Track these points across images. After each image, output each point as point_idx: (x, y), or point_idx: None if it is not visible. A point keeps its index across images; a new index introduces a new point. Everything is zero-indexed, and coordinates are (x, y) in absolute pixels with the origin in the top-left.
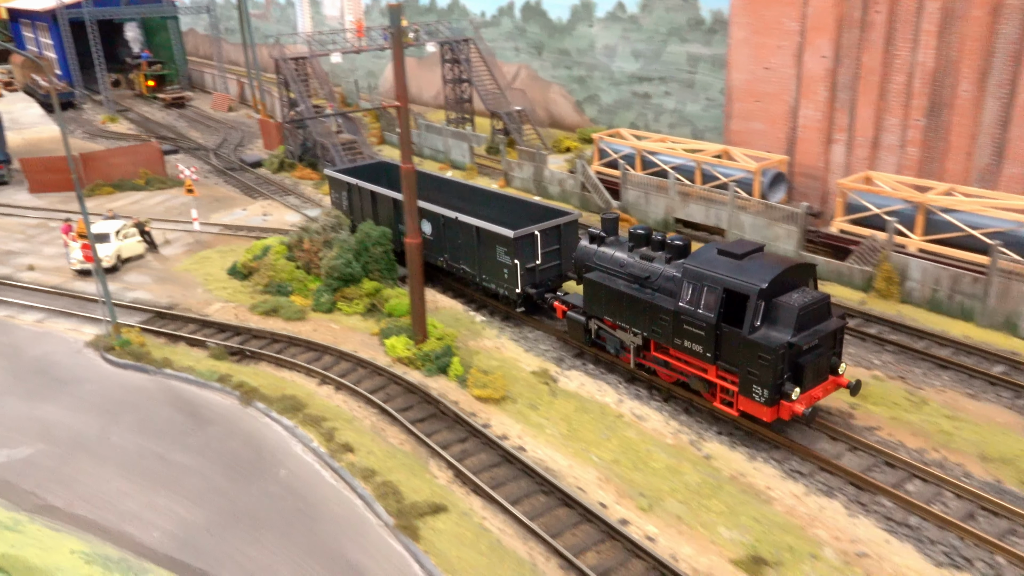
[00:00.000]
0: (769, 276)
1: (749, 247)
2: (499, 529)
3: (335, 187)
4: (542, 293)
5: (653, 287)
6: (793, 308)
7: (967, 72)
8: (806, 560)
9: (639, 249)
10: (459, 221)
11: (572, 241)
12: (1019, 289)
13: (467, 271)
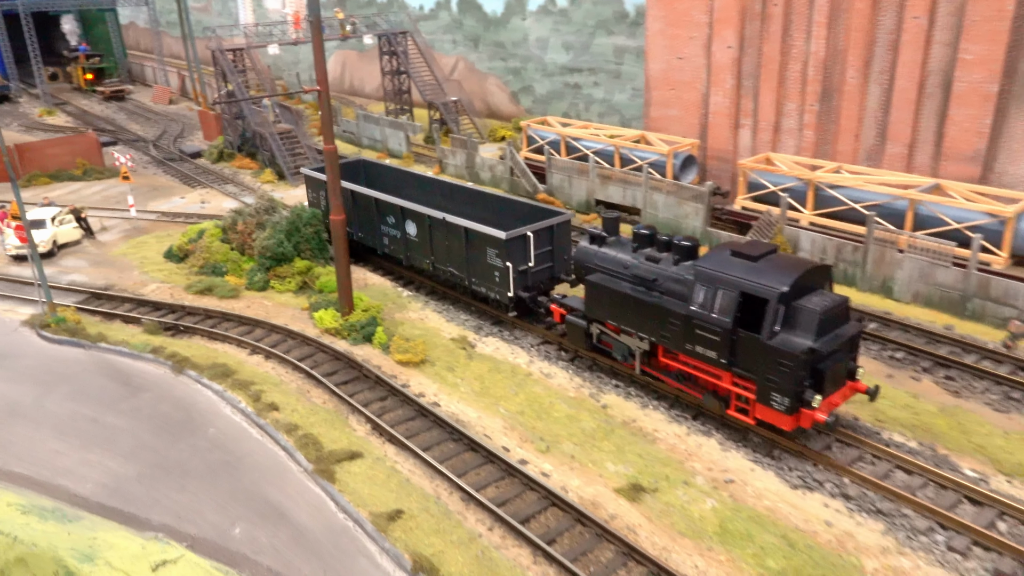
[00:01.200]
0: (789, 279)
1: (764, 248)
2: (409, 471)
3: (312, 186)
4: (535, 296)
5: (660, 290)
6: (815, 312)
7: (853, 60)
8: (680, 486)
9: (643, 250)
10: (447, 222)
11: (565, 242)
12: (892, 256)
13: (455, 274)
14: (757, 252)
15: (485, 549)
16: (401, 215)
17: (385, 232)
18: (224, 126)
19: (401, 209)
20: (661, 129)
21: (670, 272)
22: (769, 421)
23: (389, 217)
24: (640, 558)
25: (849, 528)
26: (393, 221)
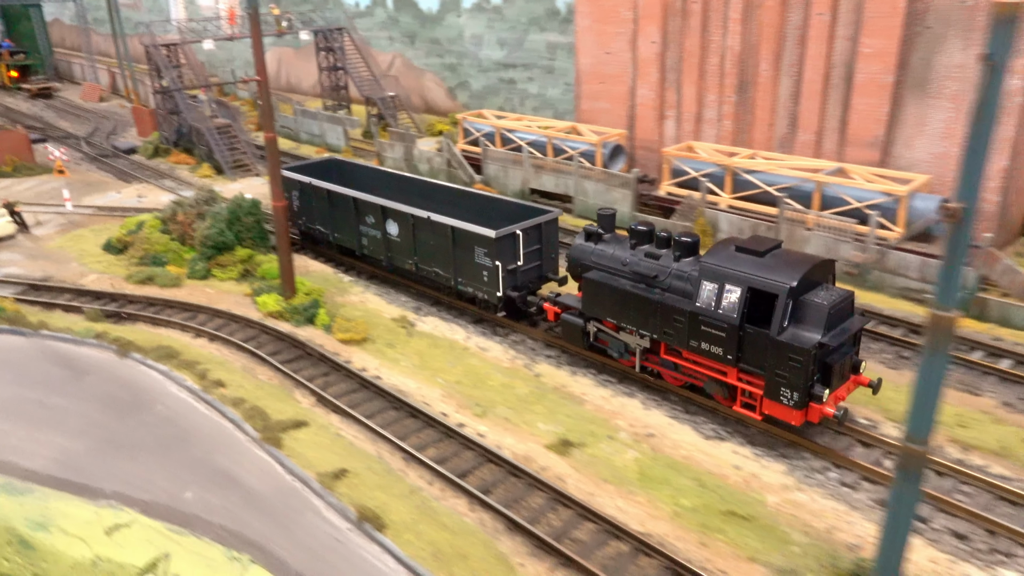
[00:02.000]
0: (797, 274)
1: (769, 244)
2: (353, 436)
3: (285, 187)
4: (524, 296)
5: (662, 286)
6: (823, 307)
7: (766, 54)
8: (604, 441)
9: (642, 247)
10: (431, 221)
11: (553, 240)
12: (801, 233)
13: (440, 275)
14: (763, 247)
15: (425, 500)
16: (382, 215)
17: (364, 233)
18: (159, 122)
19: (382, 209)
20: (592, 121)
21: (672, 268)
22: (777, 416)
23: (368, 217)
24: (568, 502)
25: (755, 471)
26: (373, 221)
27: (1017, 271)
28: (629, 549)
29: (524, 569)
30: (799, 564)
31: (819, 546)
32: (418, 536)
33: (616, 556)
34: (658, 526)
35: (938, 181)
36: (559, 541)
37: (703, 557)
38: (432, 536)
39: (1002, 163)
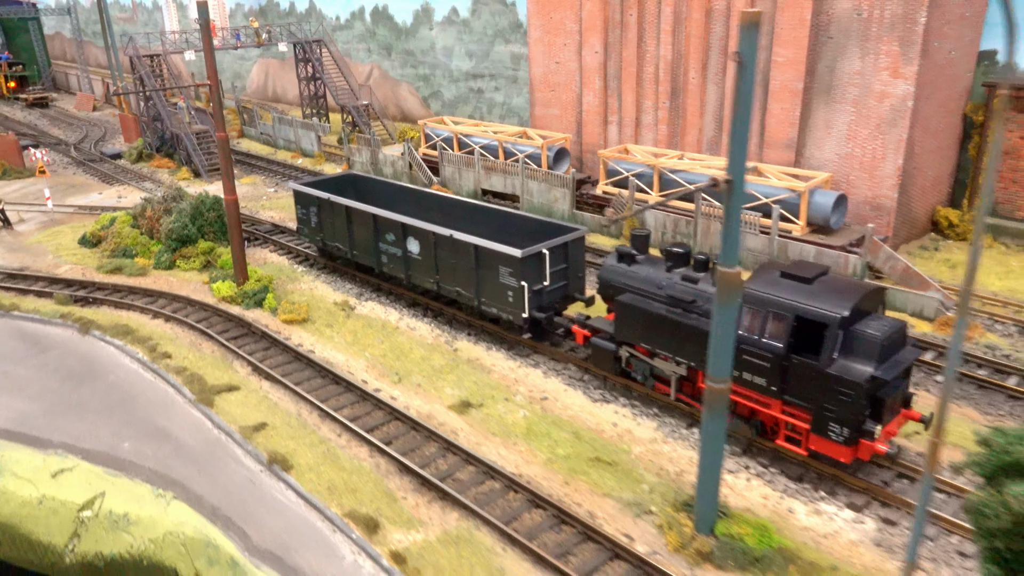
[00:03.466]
0: (849, 303)
1: (816, 270)
2: (278, 398)
3: (302, 202)
4: (551, 317)
5: (699, 311)
6: (876, 338)
7: (694, 63)
8: (501, 402)
9: (678, 269)
10: (454, 239)
11: (579, 259)
12: (715, 227)
13: (463, 294)
14: (810, 274)
15: (332, 448)
16: (402, 232)
17: (384, 250)
18: (143, 129)
19: (403, 226)
20: (545, 126)
21: (710, 293)
22: (825, 452)
23: (388, 234)
24: (456, 450)
25: (630, 427)
26: (393, 239)
27: (897, 258)
28: (501, 487)
29: (406, 501)
30: (645, 498)
31: (667, 485)
32: (319, 475)
33: (488, 491)
34: (531, 469)
35: (843, 179)
36: (442, 480)
37: (563, 493)
38: (331, 476)
39: (898, 162)
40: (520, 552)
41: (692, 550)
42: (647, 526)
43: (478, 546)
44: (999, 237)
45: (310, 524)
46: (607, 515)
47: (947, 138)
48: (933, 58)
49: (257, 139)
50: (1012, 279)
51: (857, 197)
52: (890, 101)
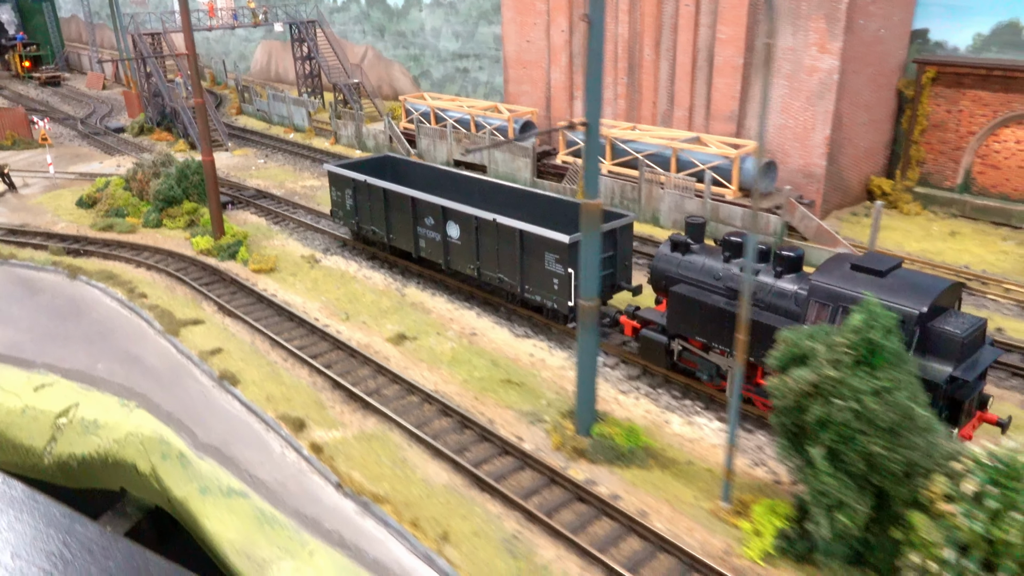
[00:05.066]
0: (928, 299)
1: (890, 263)
2: (236, 331)
3: (337, 185)
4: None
5: (760, 304)
6: (956, 337)
7: (648, 41)
8: (433, 336)
9: (737, 259)
10: (497, 224)
11: (627, 247)
12: (657, 192)
13: (505, 281)
14: (884, 267)
15: (276, 369)
16: (442, 216)
17: (422, 235)
18: (145, 104)
19: (443, 209)
20: (518, 102)
21: (774, 285)
22: None
23: (427, 218)
24: (385, 372)
25: (544, 357)
26: (432, 223)
27: (811, 218)
28: (418, 400)
29: (333, 409)
30: (542, 410)
31: (563, 400)
32: (261, 389)
33: (407, 404)
34: (448, 388)
35: (779, 148)
36: (368, 395)
37: (471, 406)
38: (272, 389)
39: (826, 133)
40: (423, 448)
41: (570, 448)
42: (538, 431)
43: (388, 442)
44: (928, 205)
45: (248, 425)
46: (505, 422)
47: (880, 111)
48: (859, 35)
49: (254, 115)
50: (928, 242)
51: (791, 165)
52: (818, 75)
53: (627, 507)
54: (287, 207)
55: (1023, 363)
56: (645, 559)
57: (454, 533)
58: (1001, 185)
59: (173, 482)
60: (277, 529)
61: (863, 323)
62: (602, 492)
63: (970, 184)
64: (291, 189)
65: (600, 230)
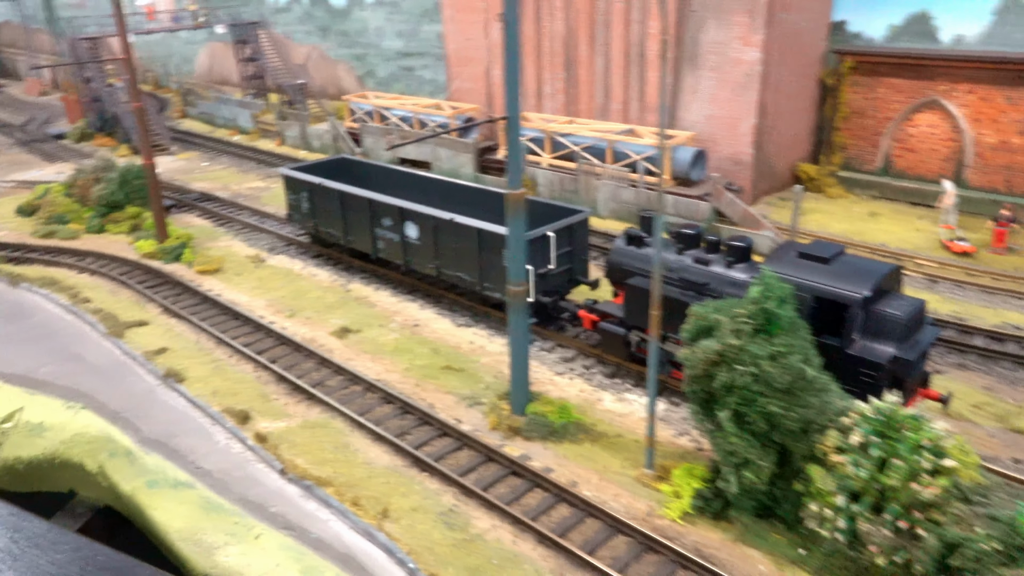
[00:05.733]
0: (870, 283)
1: (833, 249)
2: (181, 331)
3: (293, 188)
4: (556, 301)
5: (713, 294)
6: (899, 318)
7: (583, 37)
8: (376, 328)
9: (690, 251)
10: (455, 223)
11: (583, 242)
12: (593, 183)
13: (465, 279)
14: (829, 253)
15: (221, 365)
16: (400, 217)
17: (380, 236)
18: (85, 110)
19: (400, 210)
20: (461, 99)
21: (725, 275)
22: None
23: (385, 219)
24: (329, 364)
25: (484, 344)
26: (390, 223)
27: (738, 203)
28: (361, 389)
29: (277, 401)
30: (480, 393)
31: (500, 383)
32: (206, 384)
33: (350, 393)
34: (390, 376)
35: (709, 138)
36: (312, 386)
37: (413, 392)
38: (217, 384)
39: (752, 122)
40: (366, 433)
41: (506, 427)
42: (476, 413)
43: (331, 429)
44: (852, 188)
45: (193, 419)
46: (445, 406)
47: (804, 100)
48: (780, 28)
49: (198, 118)
50: (850, 223)
51: (721, 154)
52: (743, 67)
53: (558, 478)
54: (232, 209)
55: (958, 337)
56: (574, 524)
57: (394, 509)
58: (917, 167)
59: (121, 478)
60: (223, 516)
61: (760, 295)
62: (535, 466)
63: (889, 167)
64: (236, 191)
65: (521, 214)
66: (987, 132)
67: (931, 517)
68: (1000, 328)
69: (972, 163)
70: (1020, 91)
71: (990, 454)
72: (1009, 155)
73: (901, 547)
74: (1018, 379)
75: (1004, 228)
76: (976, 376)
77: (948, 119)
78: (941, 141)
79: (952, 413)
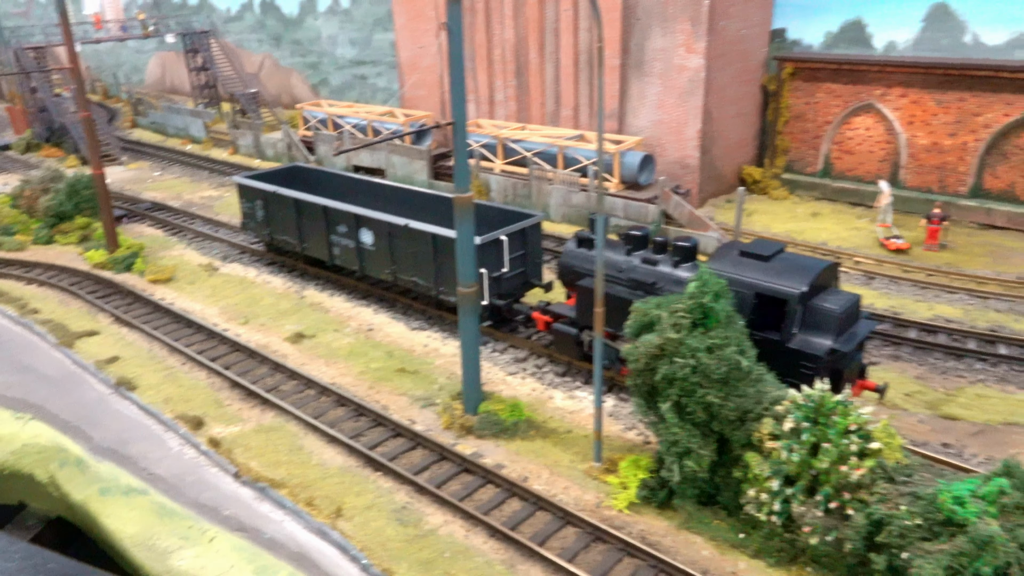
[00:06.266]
0: (808, 279)
1: (773, 248)
2: (133, 340)
3: (246, 196)
4: (511, 304)
5: (660, 293)
6: (834, 312)
7: (533, 44)
8: (331, 333)
9: (638, 252)
10: (410, 229)
11: (536, 245)
12: (546, 188)
13: (420, 284)
14: (768, 252)
15: (174, 372)
16: (355, 223)
17: (335, 242)
18: (31, 120)
19: (355, 217)
20: (415, 106)
21: (671, 274)
22: None
23: (340, 226)
24: (283, 369)
25: (437, 346)
26: (345, 230)
27: (684, 205)
28: (315, 393)
29: (231, 406)
30: (434, 394)
31: (454, 383)
32: (158, 391)
33: (304, 396)
34: (344, 380)
35: (657, 143)
36: (266, 391)
37: (367, 394)
38: (169, 391)
39: (697, 127)
40: (319, 435)
41: (459, 426)
42: (430, 413)
43: (285, 433)
44: (795, 190)
45: (145, 427)
46: (399, 407)
47: (747, 105)
48: (722, 35)
49: (149, 128)
50: (793, 223)
51: (668, 158)
52: (687, 73)
53: (510, 474)
54: (185, 218)
55: (893, 330)
56: (525, 517)
57: (347, 508)
58: (855, 168)
59: (72, 487)
60: (177, 520)
61: (697, 290)
62: (487, 463)
63: (829, 169)
64: (189, 200)
65: (469, 217)
66: (920, 134)
67: (859, 497)
68: (932, 321)
69: (906, 164)
70: (949, 95)
71: (921, 439)
72: (940, 156)
73: (832, 527)
74: (948, 368)
75: (936, 226)
76: (910, 367)
77: (883, 122)
78: (877, 143)
79: (887, 402)
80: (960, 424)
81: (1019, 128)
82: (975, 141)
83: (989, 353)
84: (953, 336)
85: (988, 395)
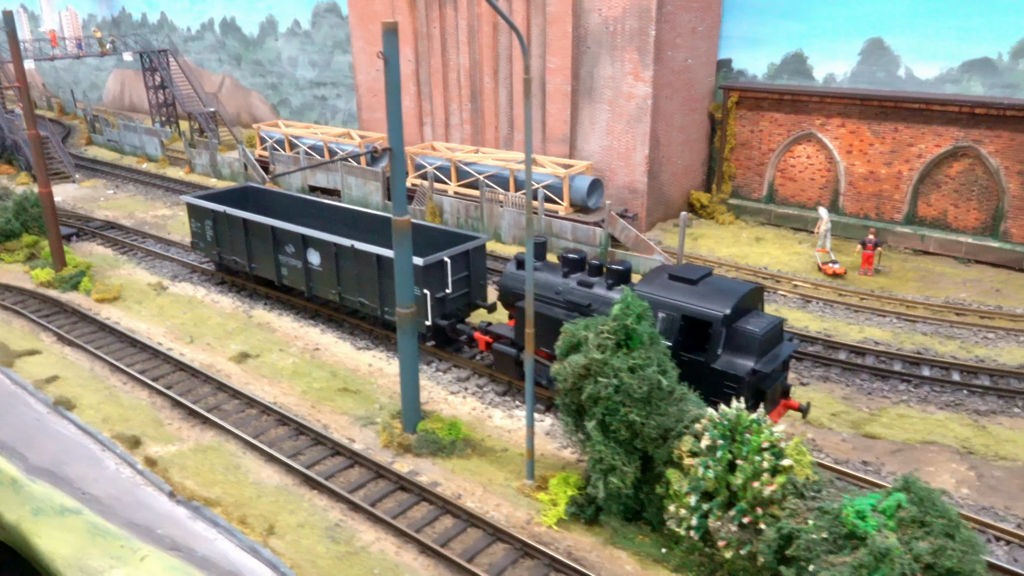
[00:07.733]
0: (731, 302)
1: (700, 272)
2: (75, 359)
3: (196, 216)
4: (454, 324)
5: (594, 315)
6: (755, 334)
7: (487, 70)
8: (276, 353)
9: (574, 275)
10: (356, 249)
11: (480, 267)
12: (497, 210)
13: (366, 304)
14: (695, 275)
15: (115, 392)
16: (302, 244)
17: (283, 263)
18: None
19: (302, 238)
20: (372, 128)
21: (605, 297)
22: None
23: (288, 246)
24: (226, 388)
25: (382, 366)
26: (293, 251)
27: (631, 229)
28: (257, 412)
29: (171, 426)
30: (375, 414)
31: (396, 403)
32: (98, 411)
33: (246, 416)
34: (286, 399)
35: (607, 168)
36: (207, 411)
37: (309, 413)
38: (109, 411)
39: (645, 152)
40: (258, 454)
41: (397, 444)
42: (370, 432)
43: (223, 452)
44: (740, 215)
45: (83, 446)
46: (339, 426)
47: (695, 132)
48: (668, 64)
49: (105, 145)
50: (737, 247)
51: (617, 182)
52: (635, 101)
53: (444, 491)
54: (136, 237)
55: (824, 352)
56: (456, 534)
57: (280, 526)
58: (797, 195)
59: (5, 507)
60: (109, 540)
61: (620, 312)
62: (423, 481)
63: (773, 195)
64: (141, 219)
65: (407, 240)
66: (857, 163)
67: (771, 512)
68: (862, 343)
69: (845, 191)
70: (884, 125)
71: (842, 457)
72: (877, 184)
73: (746, 541)
74: (873, 389)
75: (871, 251)
76: (837, 387)
77: (823, 151)
78: (818, 171)
79: (812, 421)
80: (880, 443)
81: (949, 158)
82: (909, 170)
83: (913, 375)
84: (880, 358)
85: (909, 415)
